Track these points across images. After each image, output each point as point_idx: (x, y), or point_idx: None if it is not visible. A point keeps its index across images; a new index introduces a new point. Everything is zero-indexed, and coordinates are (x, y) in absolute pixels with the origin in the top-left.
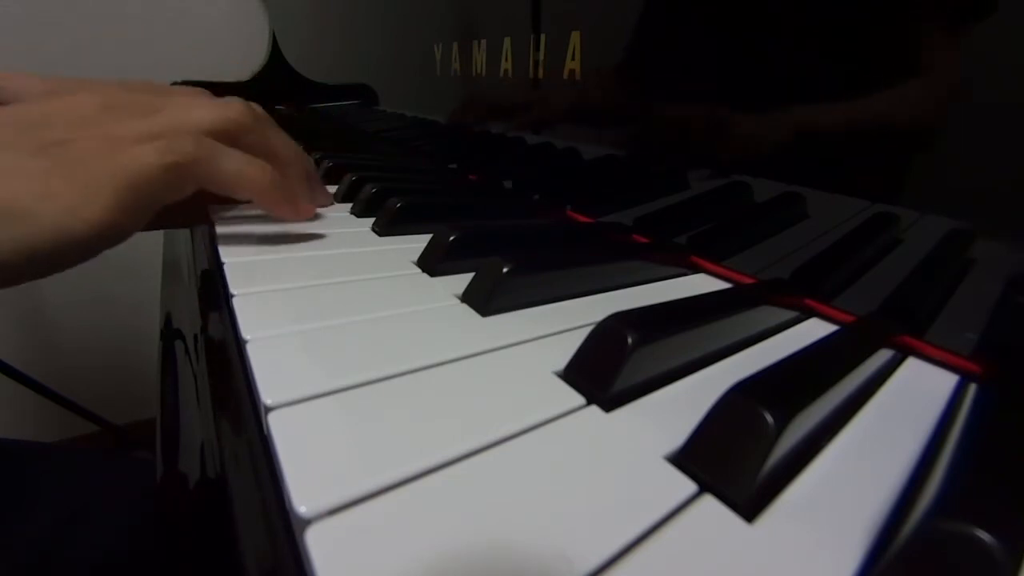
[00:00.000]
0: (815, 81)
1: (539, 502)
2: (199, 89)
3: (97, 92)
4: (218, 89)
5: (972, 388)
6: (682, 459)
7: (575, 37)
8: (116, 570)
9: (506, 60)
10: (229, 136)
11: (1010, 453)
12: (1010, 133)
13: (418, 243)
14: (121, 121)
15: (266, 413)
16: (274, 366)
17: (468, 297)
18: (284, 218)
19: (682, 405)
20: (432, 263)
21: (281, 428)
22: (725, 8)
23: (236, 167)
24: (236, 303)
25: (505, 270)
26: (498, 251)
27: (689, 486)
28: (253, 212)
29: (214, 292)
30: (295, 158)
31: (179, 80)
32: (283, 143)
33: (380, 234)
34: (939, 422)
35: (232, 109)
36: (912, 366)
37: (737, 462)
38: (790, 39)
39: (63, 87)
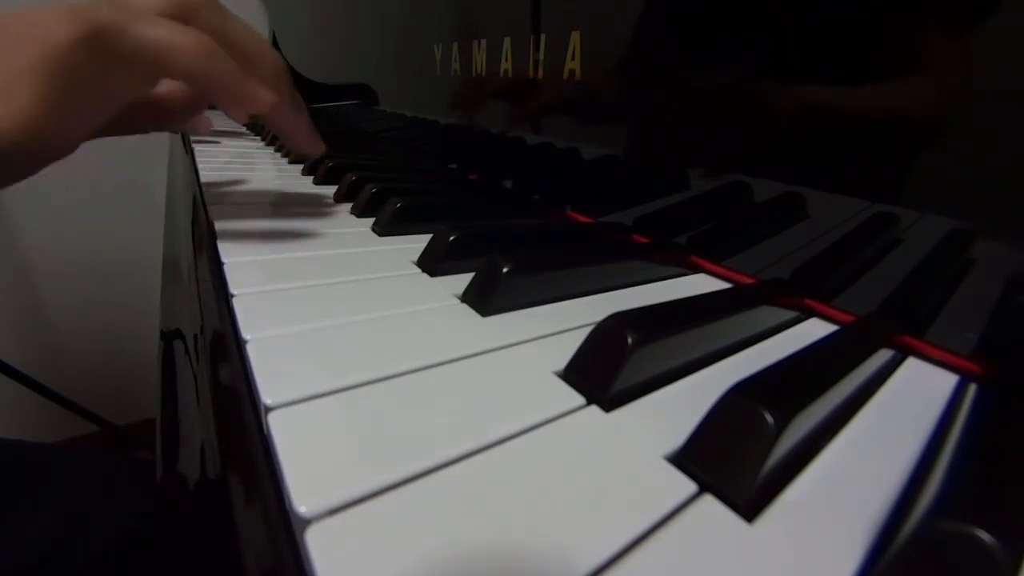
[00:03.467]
0: (816, 80)
1: (539, 502)
2: None
3: None
4: None
5: (972, 388)
6: (682, 459)
7: (575, 37)
8: (116, 570)
9: (506, 60)
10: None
11: (1010, 453)
12: (1010, 133)
13: (418, 243)
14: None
15: (266, 413)
16: (274, 366)
17: (468, 297)
18: (242, 109)
19: (682, 405)
20: (432, 263)
21: (281, 428)
22: (725, 7)
23: (162, 34)
24: (236, 303)
25: (505, 270)
26: (498, 251)
27: (689, 486)
28: (254, 210)
29: (214, 292)
30: (262, 53)
31: None
32: (245, 31)
33: (380, 234)
34: (939, 422)
35: None
36: (912, 366)
37: (737, 462)
38: (790, 38)
39: None
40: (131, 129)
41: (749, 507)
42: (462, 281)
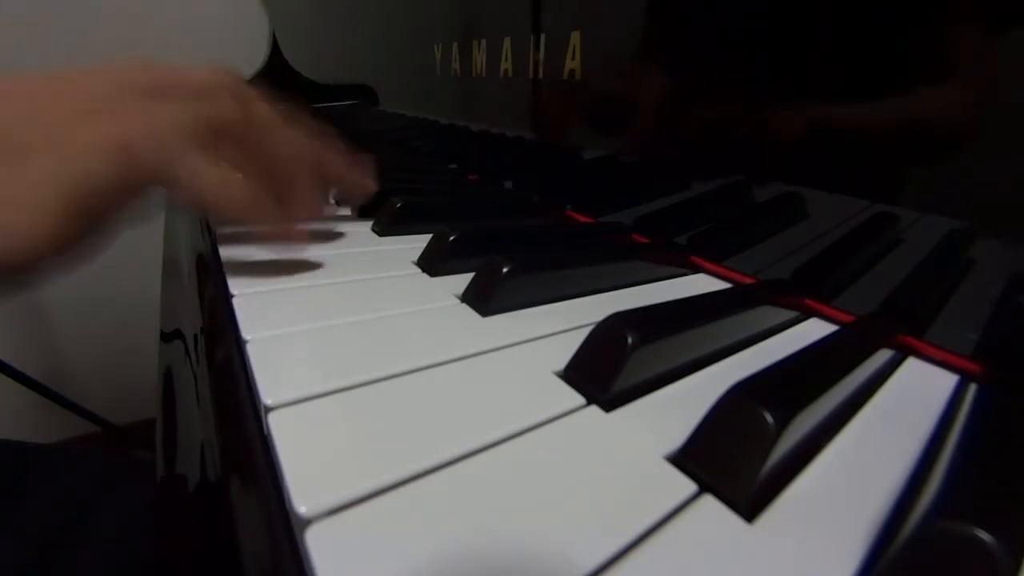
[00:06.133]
0: (816, 82)
1: (539, 502)
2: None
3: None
4: None
5: (972, 388)
6: (682, 459)
7: (575, 37)
8: (116, 570)
9: (506, 60)
10: (210, 136)
11: (1010, 453)
12: (1010, 133)
13: (418, 243)
14: (74, 110)
15: (266, 413)
16: (274, 366)
17: (468, 297)
18: (270, 240)
19: (682, 405)
20: (432, 263)
21: (281, 428)
22: (726, 8)
23: (207, 182)
24: (236, 303)
25: (505, 270)
26: (498, 251)
27: (689, 486)
28: None
29: (214, 292)
30: (299, 157)
31: None
32: (284, 141)
33: (380, 234)
34: (939, 422)
35: (212, 105)
36: (912, 366)
37: (737, 462)
38: (791, 40)
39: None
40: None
41: (749, 507)
42: (462, 281)
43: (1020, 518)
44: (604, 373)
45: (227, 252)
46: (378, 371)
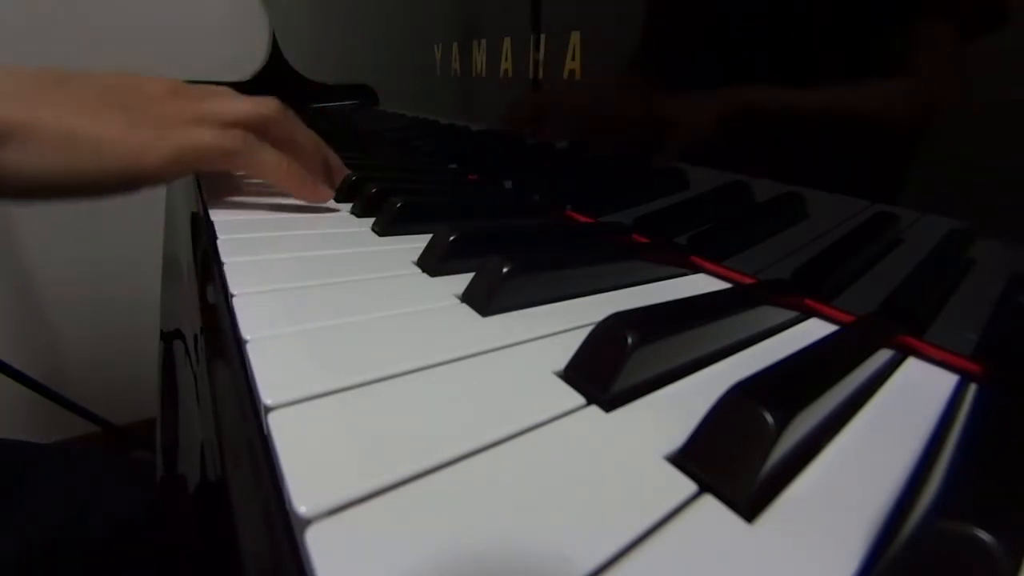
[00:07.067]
0: (816, 81)
1: (539, 502)
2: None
3: (158, 80)
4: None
5: (972, 388)
6: (682, 459)
7: (575, 37)
8: (116, 570)
9: (506, 60)
10: (261, 127)
11: (1010, 453)
12: (1010, 133)
13: (418, 243)
14: (183, 101)
15: (266, 413)
16: (274, 366)
17: (468, 297)
18: (304, 199)
19: (682, 405)
20: (432, 263)
21: (281, 428)
22: (725, 7)
23: (269, 161)
24: (236, 303)
25: (505, 270)
26: (498, 251)
27: (689, 486)
28: (253, 211)
29: (214, 292)
30: (314, 149)
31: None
32: (304, 135)
33: (380, 234)
34: (939, 422)
35: (265, 106)
36: (912, 366)
37: (737, 462)
38: (791, 38)
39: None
40: None
41: (749, 507)
42: (462, 281)
43: (1020, 518)
44: (604, 373)
45: (227, 251)
46: (378, 371)
